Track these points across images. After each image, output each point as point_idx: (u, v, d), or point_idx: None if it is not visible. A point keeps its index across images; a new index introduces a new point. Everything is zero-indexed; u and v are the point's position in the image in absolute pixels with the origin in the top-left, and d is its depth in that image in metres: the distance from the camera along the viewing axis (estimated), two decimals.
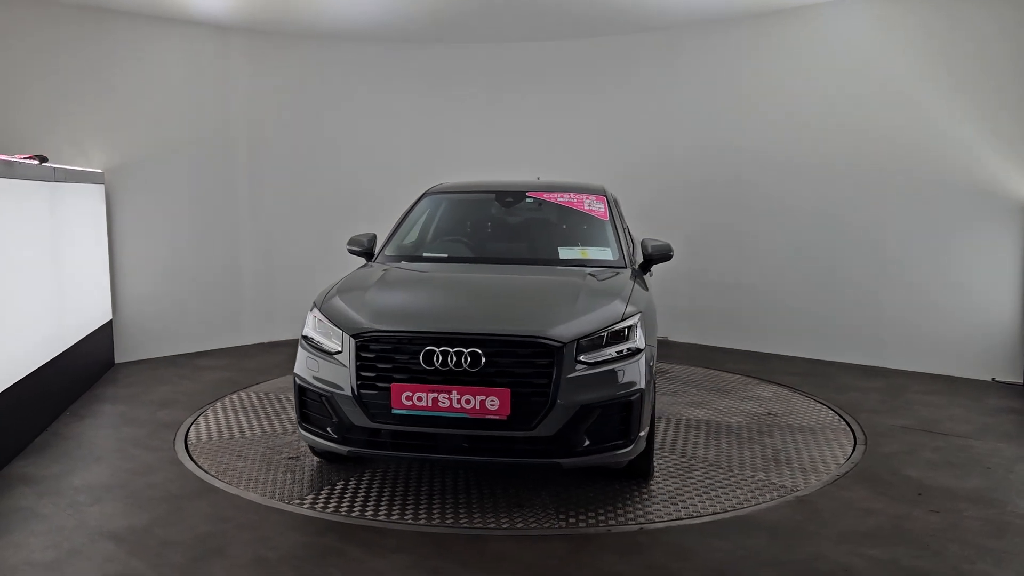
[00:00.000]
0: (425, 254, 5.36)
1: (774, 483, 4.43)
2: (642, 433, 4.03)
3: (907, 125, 7.02)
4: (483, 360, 3.83)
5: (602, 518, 3.98)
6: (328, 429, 4.08)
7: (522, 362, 3.86)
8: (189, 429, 5.43)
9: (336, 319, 4.21)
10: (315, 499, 4.23)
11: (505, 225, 5.68)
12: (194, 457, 4.91)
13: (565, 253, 5.11)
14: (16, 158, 5.18)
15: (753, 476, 4.54)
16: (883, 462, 4.79)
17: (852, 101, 7.30)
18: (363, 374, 3.96)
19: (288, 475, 4.60)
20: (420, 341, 3.91)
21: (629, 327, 4.09)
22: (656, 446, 4.98)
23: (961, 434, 5.33)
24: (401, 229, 5.55)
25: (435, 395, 3.82)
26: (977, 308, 6.77)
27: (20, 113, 6.76)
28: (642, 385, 3.97)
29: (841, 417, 5.67)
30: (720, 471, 4.64)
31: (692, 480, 4.49)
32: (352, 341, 4.03)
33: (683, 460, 4.83)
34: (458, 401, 3.80)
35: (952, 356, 6.91)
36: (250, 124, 8.28)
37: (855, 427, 5.47)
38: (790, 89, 7.68)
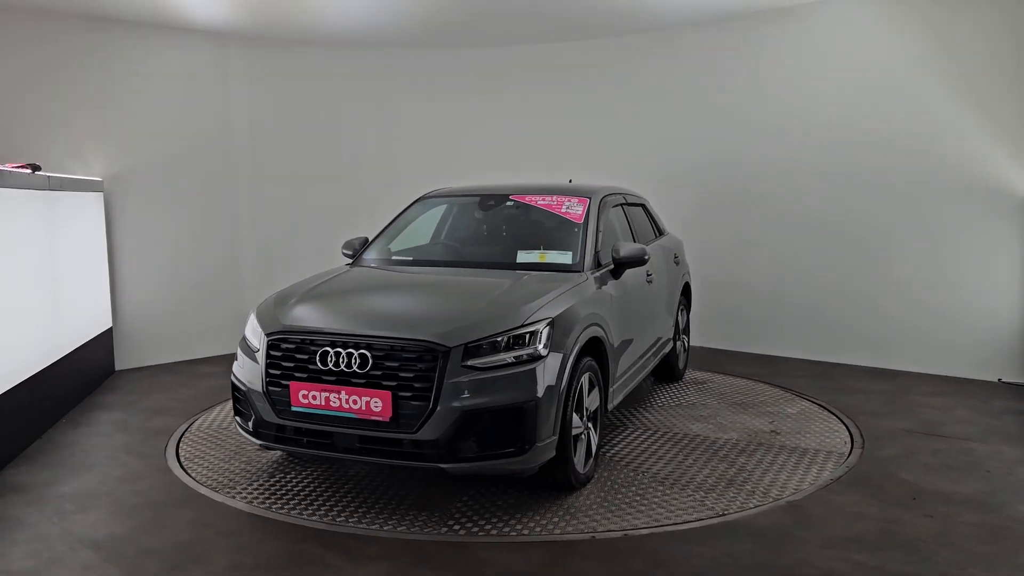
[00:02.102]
0: (394, 257, 5.41)
1: (706, 505, 4.12)
2: (542, 443, 3.88)
3: (911, 124, 6.89)
4: (370, 362, 3.89)
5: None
6: (249, 423, 4.27)
7: (406, 365, 3.88)
8: (183, 435, 5.43)
9: (261, 319, 4.39)
10: (244, 490, 4.43)
11: (478, 229, 5.65)
12: (179, 454, 5.02)
13: (523, 257, 4.99)
14: (7, 167, 5.20)
15: (691, 496, 4.23)
16: (879, 466, 4.69)
17: (855, 101, 7.17)
18: (271, 371, 4.14)
19: (243, 464, 4.79)
20: (318, 342, 4.03)
21: (531, 332, 3.97)
22: (616, 458, 4.86)
23: (963, 436, 5.21)
24: (386, 232, 5.60)
25: (327, 395, 3.95)
26: (984, 308, 6.63)
27: (19, 122, 6.80)
28: (539, 393, 3.86)
29: (844, 425, 5.50)
30: (659, 488, 4.36)
31: (620, 496, 4.25)
32: (265, 339, 4.20)
33: (631, 475, 4.56)
34: (347, 401, 3.91)
35: (959, 357, 6.78)
36: (249, 130, 8.30)
37: (854, 431, 5.36)
38: (792, 91, 7.57)
